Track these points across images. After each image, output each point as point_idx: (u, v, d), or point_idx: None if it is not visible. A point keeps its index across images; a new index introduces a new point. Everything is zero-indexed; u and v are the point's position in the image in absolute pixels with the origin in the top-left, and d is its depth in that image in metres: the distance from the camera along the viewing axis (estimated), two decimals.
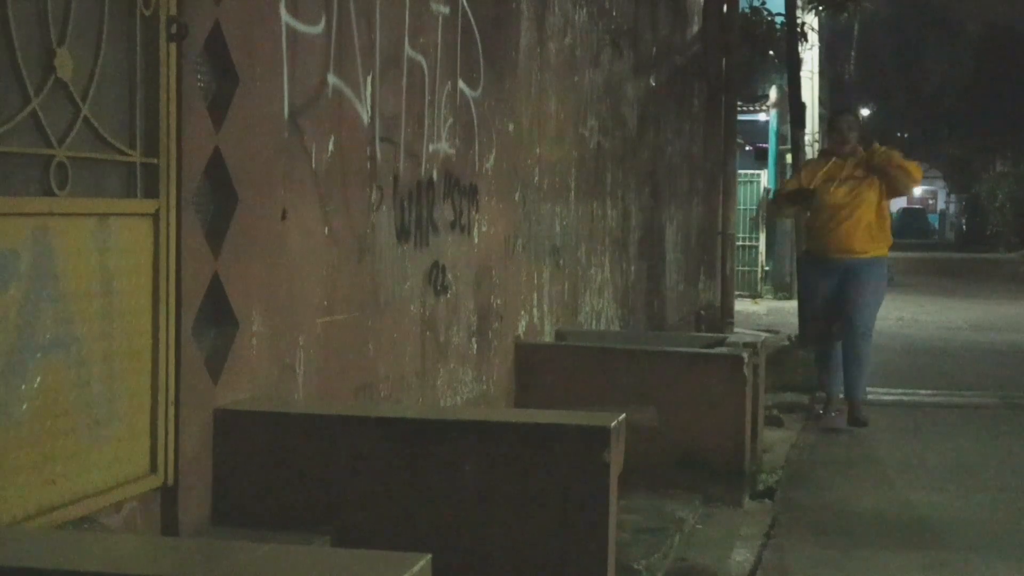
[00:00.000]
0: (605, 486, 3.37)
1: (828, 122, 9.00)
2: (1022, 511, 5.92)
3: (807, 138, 16.13)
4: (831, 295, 8.10)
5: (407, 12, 4.76)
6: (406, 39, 4.77)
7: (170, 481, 3.34)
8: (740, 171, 15.66)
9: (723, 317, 11.62)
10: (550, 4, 6.69)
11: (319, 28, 4.08)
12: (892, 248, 8.36)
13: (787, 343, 11.89)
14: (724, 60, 12.07)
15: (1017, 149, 41.57)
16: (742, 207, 18.75)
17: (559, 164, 6.90)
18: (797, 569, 4.93)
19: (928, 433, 8.04)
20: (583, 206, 7.47)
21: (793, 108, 12.74)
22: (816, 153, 20.07)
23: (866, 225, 8.03)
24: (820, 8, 14.84)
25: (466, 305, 5.46)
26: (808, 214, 8.34)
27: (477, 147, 5.58)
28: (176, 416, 3.35)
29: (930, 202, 70.89)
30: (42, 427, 2.88)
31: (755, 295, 19.72)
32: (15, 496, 2.80)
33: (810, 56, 18.92)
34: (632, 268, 8.97)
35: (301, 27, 3.93)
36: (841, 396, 8.14)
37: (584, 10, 7.40)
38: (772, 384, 8.40)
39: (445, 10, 5.15)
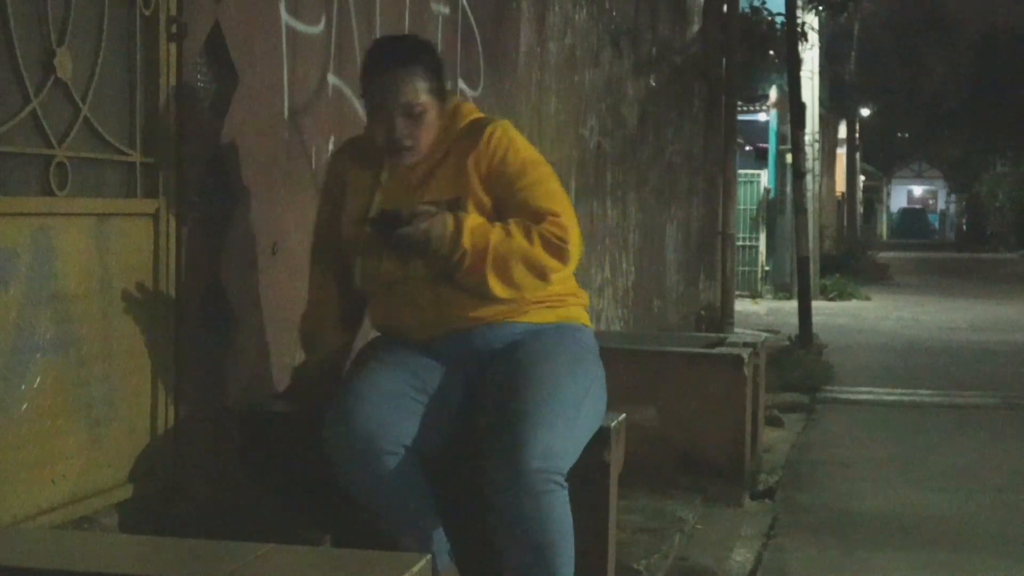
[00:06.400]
0: (605, 486, 3.37)
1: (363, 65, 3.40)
2: (1022, 511, 5.92)
3: (807, 138, 16.11)
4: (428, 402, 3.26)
5: (407, 12, 4.76)
6: None
7: (170, 481, 3.34)
8: (740, 171, 15.67)
9: (723, 317, 11.61)
10: (550, 4, 6.68)
11: (319, 28, 4.08)
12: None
13: (787, 343, 11.90)
14: (724, 60, 12.07)
15: (1017, 149, 41.58)
16: (742, 207, 18.76)
17: (559, 164, 6.90)
18: (797, 569, 4.92)
19: (928, 433, 8.04)
20: (583, 206, 7.47)
21: (793, 108, 12.73)
22: (817, 153, 19.82)
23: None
24: (820, 8, 14.84)
25: None
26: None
27: None
28: (176, 416, 3.35)
29: (930, 202, 71.01)
30: (42, 427, 2.88)
31: (755, 295, 19.73)
32: (15, 496, 2.80)
33: (810, 56, 18.91)
34: (632, 268, 8.97)
35: (301, 27, 3.93)
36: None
37: (584, 10, 7.40)
38: (772, 384, 8.39)
39: (445, 10, 5.15)
